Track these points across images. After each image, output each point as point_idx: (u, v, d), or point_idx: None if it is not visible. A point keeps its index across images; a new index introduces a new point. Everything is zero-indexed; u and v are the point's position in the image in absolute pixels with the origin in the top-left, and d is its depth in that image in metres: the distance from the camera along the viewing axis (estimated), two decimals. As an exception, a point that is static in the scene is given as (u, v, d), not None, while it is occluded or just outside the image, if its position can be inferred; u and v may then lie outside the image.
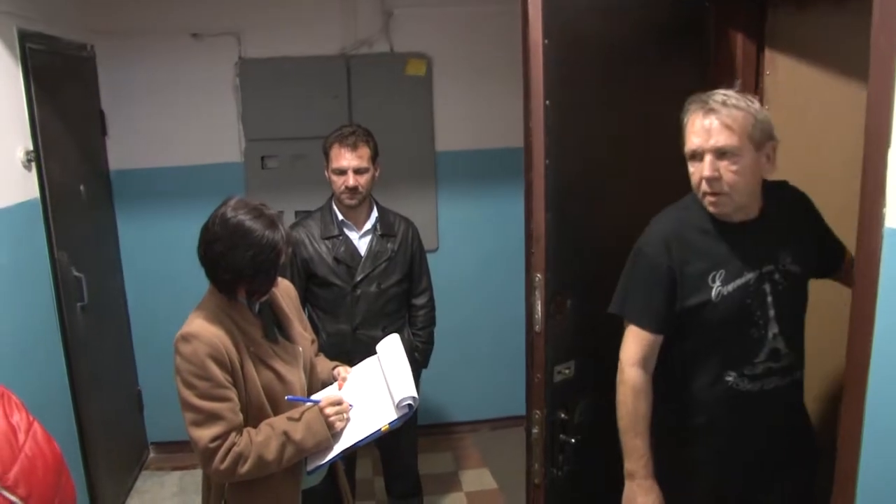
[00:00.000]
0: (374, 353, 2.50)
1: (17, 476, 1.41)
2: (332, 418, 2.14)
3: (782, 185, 2.22)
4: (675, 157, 2.11)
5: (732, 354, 2.13)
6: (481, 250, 4.56)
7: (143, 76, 4.17)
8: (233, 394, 2.05)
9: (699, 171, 2.03)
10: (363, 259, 3.12)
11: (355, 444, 2.17)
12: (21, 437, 1.46)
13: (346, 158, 3.02)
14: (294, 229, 3.12)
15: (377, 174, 3.14)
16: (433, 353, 3.43)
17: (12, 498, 1.38)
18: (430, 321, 3.37)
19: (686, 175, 2.10)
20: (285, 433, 2.08)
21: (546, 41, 2.18)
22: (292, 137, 4.26)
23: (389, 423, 2.18)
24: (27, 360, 3.00)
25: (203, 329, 2.04)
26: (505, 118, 4.00)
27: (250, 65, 4.22)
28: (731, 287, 2.09)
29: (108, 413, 3.88)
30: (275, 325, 2.24)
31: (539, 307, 2.33)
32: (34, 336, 3.14)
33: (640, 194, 2.42)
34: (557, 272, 2.31)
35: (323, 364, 2.51)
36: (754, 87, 2.72)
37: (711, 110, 1.98)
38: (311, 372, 2.34)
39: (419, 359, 3.33)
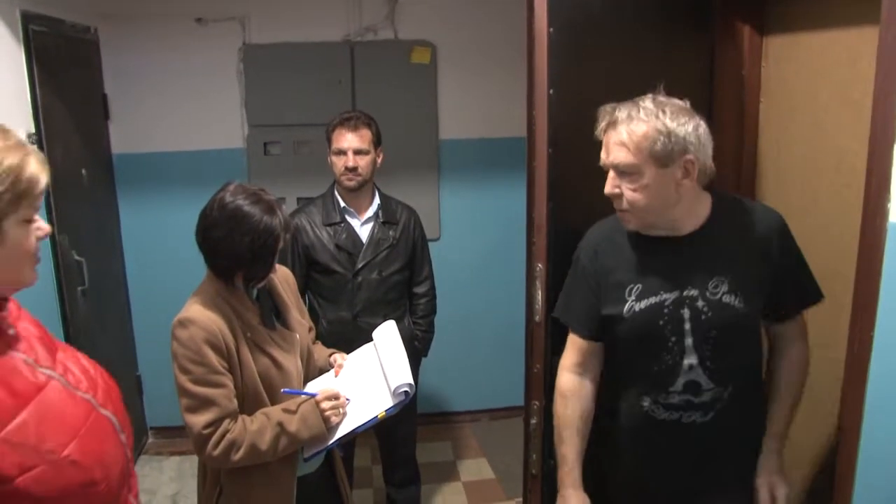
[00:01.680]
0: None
1: (104, 395, 1.52)
2: (327, 412, 2.13)
3: (751, 207, 2.00)
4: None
5: (647, 378, 1.99)
6: (483, 240, 4.55)
7: (147, 60, 4.15)
8: (228, 380, 2.04)
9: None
10: (365, 246, 3.11)
11: (352, 431, 2.17)
12: (91, 368, 1.56)
13: (347, 139, 3.02)
14: (295, 216, 3.12)
15: (379, 161, 3.14)
16: (433, 341, 3.43)
17: (106, 413, 1.49)
18: (431, 310, 3.37)
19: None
20: (280, 424, 2.07)
21: (551, 29, 2.17)
22: (295, 124, 4.25)
23: (386, 410, 2.17)
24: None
25: (200, 314, 2.03)
26: (509, 107, 3.99)
27: (254, 50, 4.20)
28: (643, 304, 1.94)
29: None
30: (272, 311, 2.24)
31: (539, 297, 2.32)
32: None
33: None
34: (559, 262, 2.30)
35: (320, 351, 2.50)
36: (759, 81, 2.71)
37: (613, 124, 1.83)
38: (308, 359, 2.33)
39: (420, 347, 3.32)
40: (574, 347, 2.10)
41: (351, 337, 2.96)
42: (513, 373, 3.28)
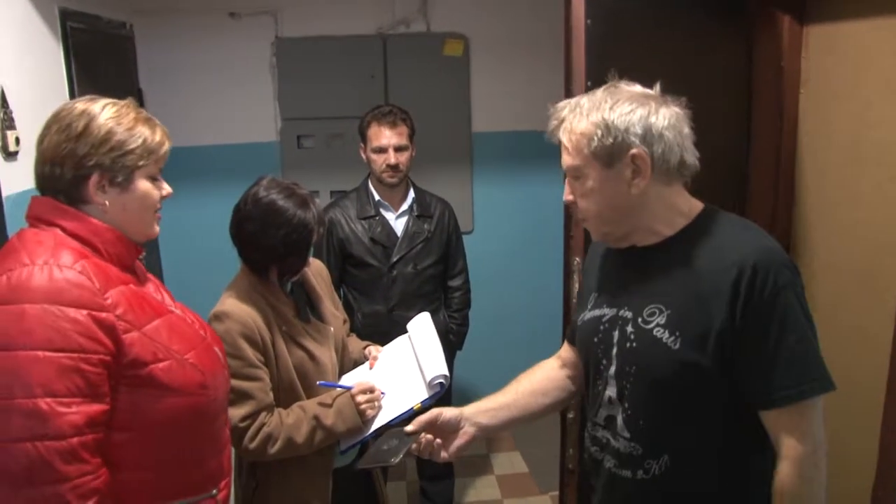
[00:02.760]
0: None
1: (211, 338, 1.75)
2: (363, 406, 2.13)
3: (731, 238, 1.53)
4: (715, 145, 2.04)
5: (588, 398, 1.76)
6: (516, 233, 4.53)
7: (181, 54, 4.18)
8: (264, 374, 2.06)
9: None
10: (399, 240, 3.12)
11: (388, 423, 2.17)
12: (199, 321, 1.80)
13: (386, 136, 3.01)
14: (330, 209, 3.13)
15: (414, 154, 3.13)
16: (467, 334, 3.42)
17: (215, 349, 1.73)
18: (466, 303, 3.36)
19: (722, 162, 1.94)
20: (316, 417, 2.08)
21: (588, 21, 2.16)
22: (328, 117, 4.26)
23: (421, 402, 2.17)
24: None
25: (236, 308, 2.05)
26: (543, 100, 3.93)
27: (287, 44, 4.21)
28: (588, 315, 1.72)
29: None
30: (307, 304, 2.25)
31: (577, 291, 2.31)
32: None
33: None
34: (596, 256, 2.28)
35: (354, 344, 2.51)
36: (798, 72, 2.66)
37: (559, 124, 1.58)
38: (342, 352, 2.34)
39: (454, 341, 3.32)
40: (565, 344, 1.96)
41: (386, 330, 2.96)
42: (547, 366, 3.27)
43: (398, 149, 3.02)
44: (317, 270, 2.39)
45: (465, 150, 4.41)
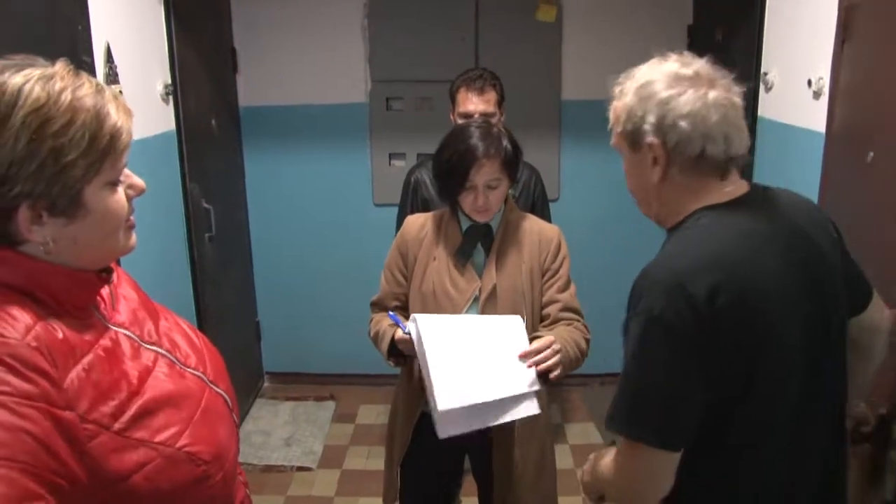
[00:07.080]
0: None
1: (213, 371, 1.37)
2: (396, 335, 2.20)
3: (659, 255, 1.48)
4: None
5: None
6: (603, 202, 4.44)
7: (274, 14, 4.23)
8: (394, 283, 2.33)
9: None
10: (484, 203, 3.10)
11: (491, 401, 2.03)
12: (195, 337, 1.42)
13: (473, 102, 2.98)
14: (416, 169, 3.14)
15: (503, 119, 3.10)
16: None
17: (219, 391, 1.35)
18: (549, 271, 3.33)
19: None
20: (379, 323, 2.30)
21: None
22: (418, 80, 4.25)
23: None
24: (160, 283, 3.13)
25: (409, 219, 2.37)
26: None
27: (379, 5, 4.21)
28: None
29: (228, 340, 4.00)
30: (469, 251, 2.25)
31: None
32: (167, 261, 3.28)
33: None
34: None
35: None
36: None
37: (613, 97, 1.56)
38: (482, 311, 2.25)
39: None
40: None
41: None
42: (628, 339, 3.22)
43: (484, 115, 2.99)
44: (541, 236, 2.38)
45: (554, 117, 4.35)
